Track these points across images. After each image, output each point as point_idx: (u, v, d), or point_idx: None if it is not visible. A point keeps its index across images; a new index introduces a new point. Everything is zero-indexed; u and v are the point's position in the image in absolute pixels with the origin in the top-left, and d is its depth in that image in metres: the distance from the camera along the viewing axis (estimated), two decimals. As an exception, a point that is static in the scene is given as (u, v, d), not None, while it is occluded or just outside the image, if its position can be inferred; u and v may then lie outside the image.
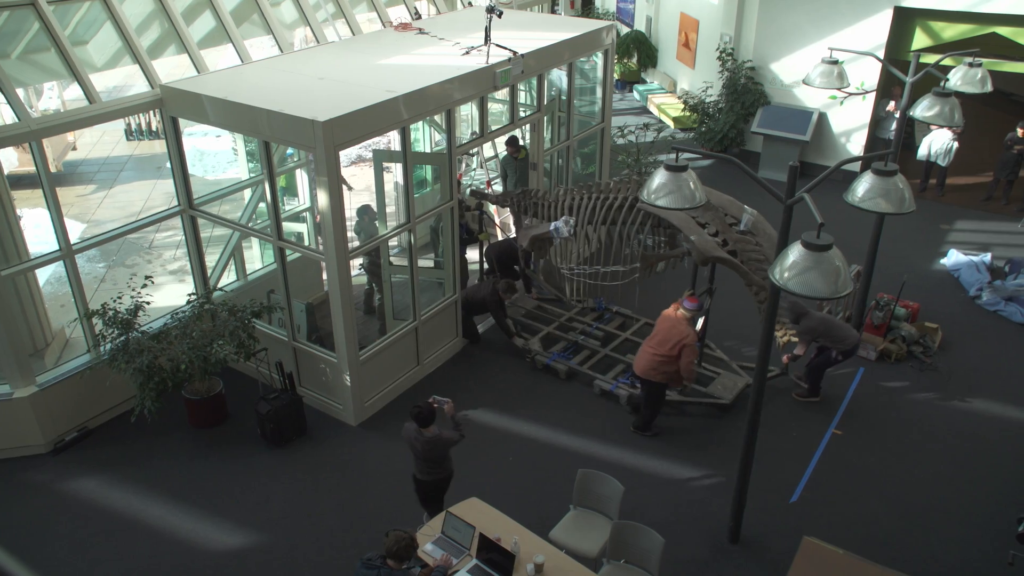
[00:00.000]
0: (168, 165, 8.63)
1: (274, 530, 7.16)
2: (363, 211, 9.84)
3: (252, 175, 9.80)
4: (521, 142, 10.69)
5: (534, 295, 10.52)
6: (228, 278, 9.53)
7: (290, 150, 9.79)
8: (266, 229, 8.65)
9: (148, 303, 8.19)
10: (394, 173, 11.94)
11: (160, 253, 11.83)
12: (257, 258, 10.17)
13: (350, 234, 8.58)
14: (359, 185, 13.53)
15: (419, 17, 11.44)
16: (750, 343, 9.58)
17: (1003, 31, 12.45)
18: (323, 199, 7.40)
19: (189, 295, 8.61)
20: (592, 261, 9.55)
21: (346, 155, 14.18)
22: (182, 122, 8.45)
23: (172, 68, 9.58)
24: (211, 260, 9.26)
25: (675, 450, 8.15)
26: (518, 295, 10.13)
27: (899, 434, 8.33)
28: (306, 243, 9.98)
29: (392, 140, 11.68)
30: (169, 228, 11.97)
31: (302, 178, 10.30)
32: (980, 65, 8.45)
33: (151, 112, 12.66)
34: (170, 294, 9.76)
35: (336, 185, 7.34)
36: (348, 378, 8.21)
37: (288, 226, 9.67)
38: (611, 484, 6.44)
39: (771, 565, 6.74)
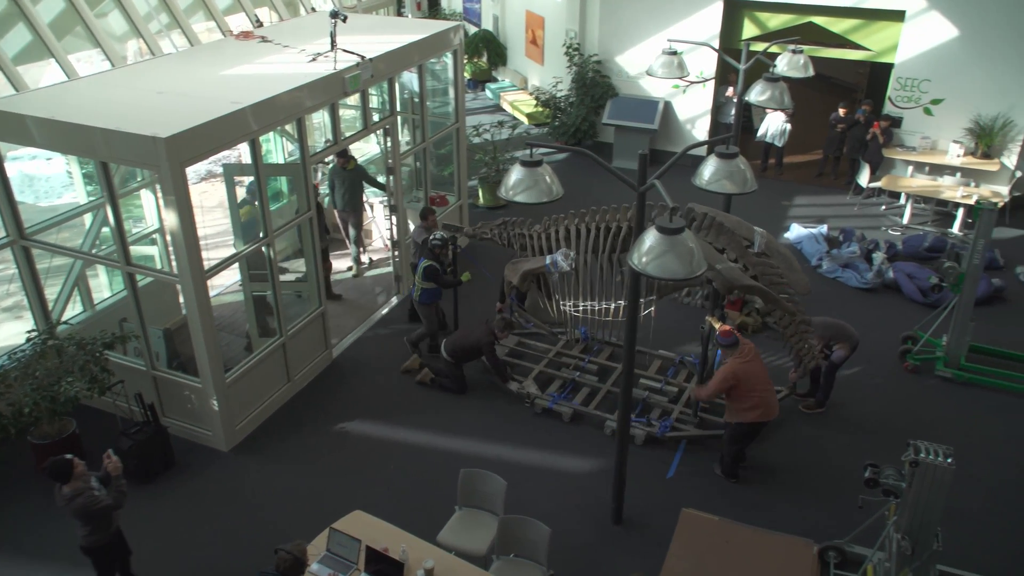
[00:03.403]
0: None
1: (148, 574, 6.75)
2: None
3: (92, 199, 9.18)
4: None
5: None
6: (73, 310, 8.89)
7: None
8: (112, 255, 8.14)
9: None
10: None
11: (-8, 289, 10.90)
12: (105, 286, 9.56)
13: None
14: (212, 202, 12.96)
15: (261, 25, 11.09)
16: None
17: (818, 20, 13.47)
18: (172, 219, 7.04)
19: (29, 332, 7.97)
20: (601, 296, 8.71)
21: (194, 171, 13.55)
22: (3, 146, 7.81)
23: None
24: (52, 292, 8.61)
25: (554, 440, 8.30)
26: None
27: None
28: (158, 266, 9.47)
29: (243, 153, 11.26)
30: None
31: (148, 198, 9.75)
32: (802, 52, 9.09)
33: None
34: (6, 333, 9.01)
35: (185, 203, 7.00)
36: (215, 403, 7.86)
37: (137, 250, 9.14)
38: (494, 481, 6.48)
39: (654, 539, 6.99)
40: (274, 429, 8.44)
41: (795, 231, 12.40)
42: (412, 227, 11.06)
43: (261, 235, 8.20)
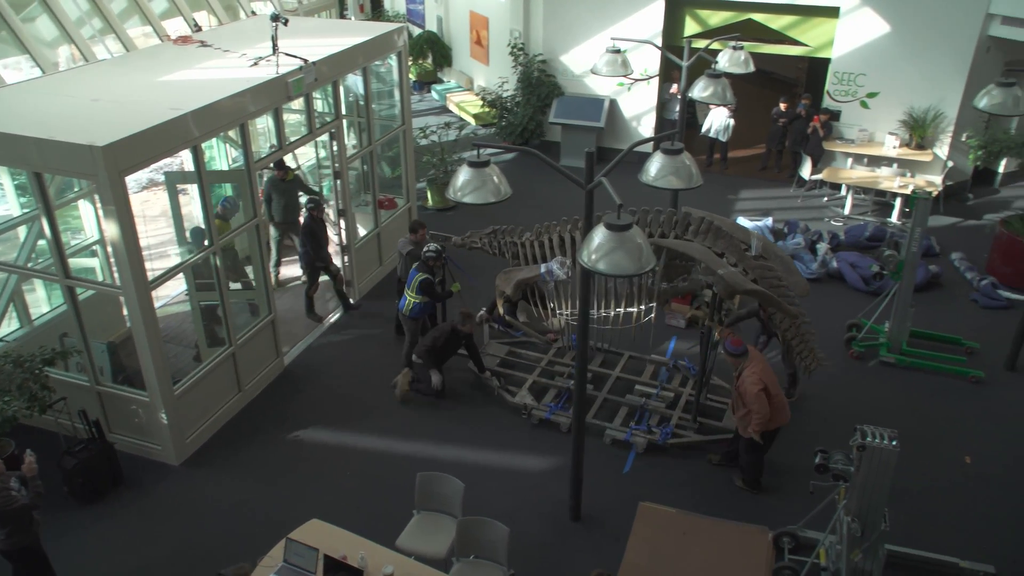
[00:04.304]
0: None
1: (98, 593, 6.59)
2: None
3: (26, 211, 8.90)
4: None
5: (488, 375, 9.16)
6: (9, 326, 8.61)
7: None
8: (49, 268, 7.90)
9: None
10: (191, 195, 11.29)
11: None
12: (43, 300, 9.27)
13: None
14: (154, 211, 12.65)
15: (199, 29, 10.89)
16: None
17: (757, 17, 13.74)
18: (113, 230, 6.86)
19: (-37, 351, 7.70)
20: (600, 304, 8.48)
21: (135, 180, 13.21)
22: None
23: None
24: (-14, 309, 8.33)
25: (511, 440, 8.31)
26: (478, 323, 9.19)
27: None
28: (100, 278, 9.22)
29: (185, 160, 11.03)
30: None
31: (86, 209, 9.49)
32: (742, 48, 9.26)
33: None
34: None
35: (126, 213, 6.83)
36: (164, 416, 7.69)
37: (77, 262, 8.89)
38: (451, 483, 6.46)
39: (613, 534, 7.05)
40: (226, 440, 8.29)
41: (741, 224, 12.61)
42: (361, 231, 10.97)
43: (206, 243, 8.04)
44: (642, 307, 8.13)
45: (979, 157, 12.27)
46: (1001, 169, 14.07)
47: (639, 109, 14.97)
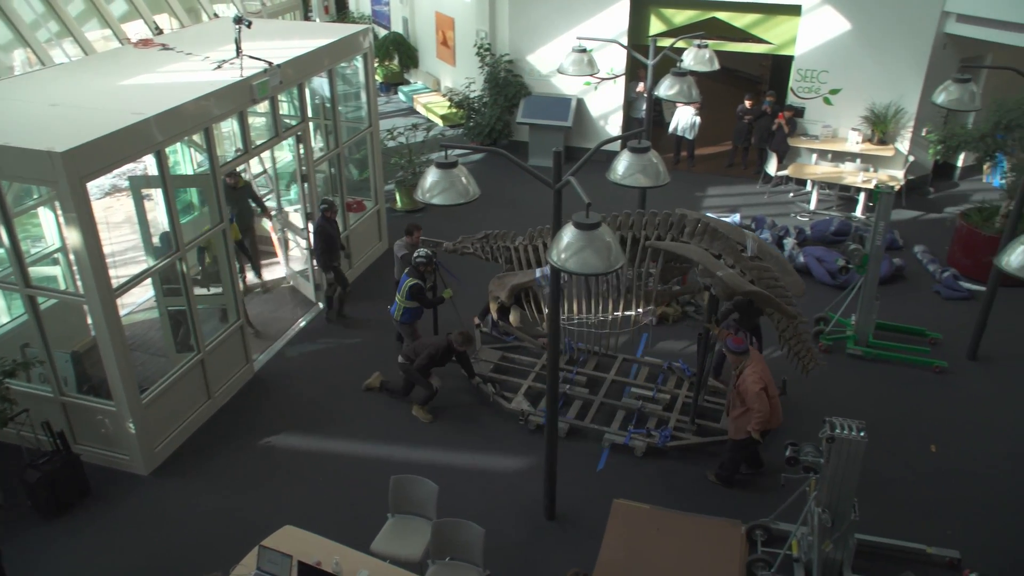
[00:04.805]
0: None
1: (66, 607, 6.47)
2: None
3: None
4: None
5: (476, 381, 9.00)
6: (-31, 338, 8.42)
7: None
8: (8, 277, 7.73)
9: None
10: (155, 200, 11.14)
11: None
12: (3, 311, 9.07)
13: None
14: (118, 217, 12.47)
15: (161, 32, 10.74)
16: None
17: (721, 15, 13.87)
18: (75, 237, 6.74)
19: (-81, 364, 7.51)
20: (597, 309, 8.42)
21: (97, 186, 13.01)
22: None
23: None
24: (-55, 320, 8.15)
25: (484, 441, 8.31)
26: (478, 348, 9.06)
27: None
28: (62, 286, 9.05)
29: (149, 166, 10.88)
30: None
31: (47, 216, 9.30)
32: (707, 46, 9.35)
33: None
34: None
35: (88, 220, 6.71)
36: (131, 425, 7.57)
37: (38, 270, 8.71)
38: (425, 486, 6.44)
39: (588, 532, 7.07)
40: (196, 448, 8.19)
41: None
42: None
43: (173, 249, 7.93)
44: (640, 310, 8.07)
45: (938, 151, 12.50)
46: (960, 163, 14.36)
47: (606, 108, 15.04)
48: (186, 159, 11.43)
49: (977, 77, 13.17)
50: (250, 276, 11.15)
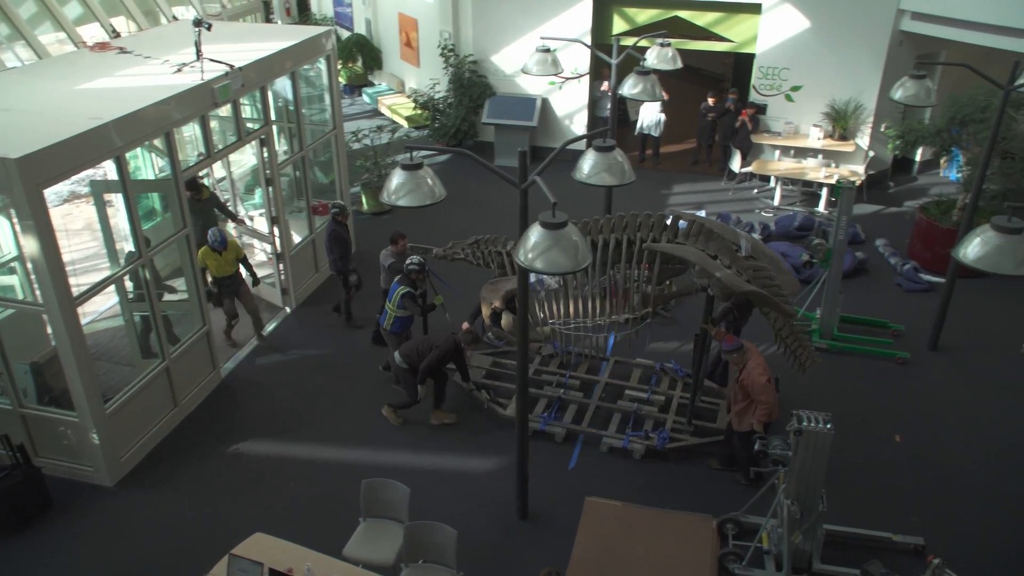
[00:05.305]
0: None
1: (31, 623, 6.33)
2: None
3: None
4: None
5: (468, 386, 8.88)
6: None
7: None
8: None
9: None
10: (116, 206, 10.95)
11: None
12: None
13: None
14: (77, 224, 12.23)
15: (118, 36, 10.55)
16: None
17: (683, 14, 14.00)
18: (32, 246, 6.59)
19: None
20: (592, 312, 8.24)
21: (55, 193, 12.74)
22: None
23: None
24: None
25: (455, 442, 8.29)
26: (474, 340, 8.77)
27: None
28: (20, 296, 8.85)
29: (109, 171, 10.69)
30: None
31: (2, 224, 9.10)
32: (670, 45, 9.41)
33: None
34: None
35: (46, 228, 6.57)
36: (95, 436, 7.43)
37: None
38: (397, 488, 6.41)
39: (561, 531, 7.08)
40: (163, 457, 8.06)
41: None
42: (296, 238, 10.79)
43: (135, 255, 7.80)
44: (638, 313, 8.02)
45: (897, 146, 12.73)
46: (918, 157, 14.64)
47: (571, 107, 15.09)
48: (147, 164, 11.25)
49: (932, 73, 13.44)
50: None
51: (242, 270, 9.63)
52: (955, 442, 8.27)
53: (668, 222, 7.96)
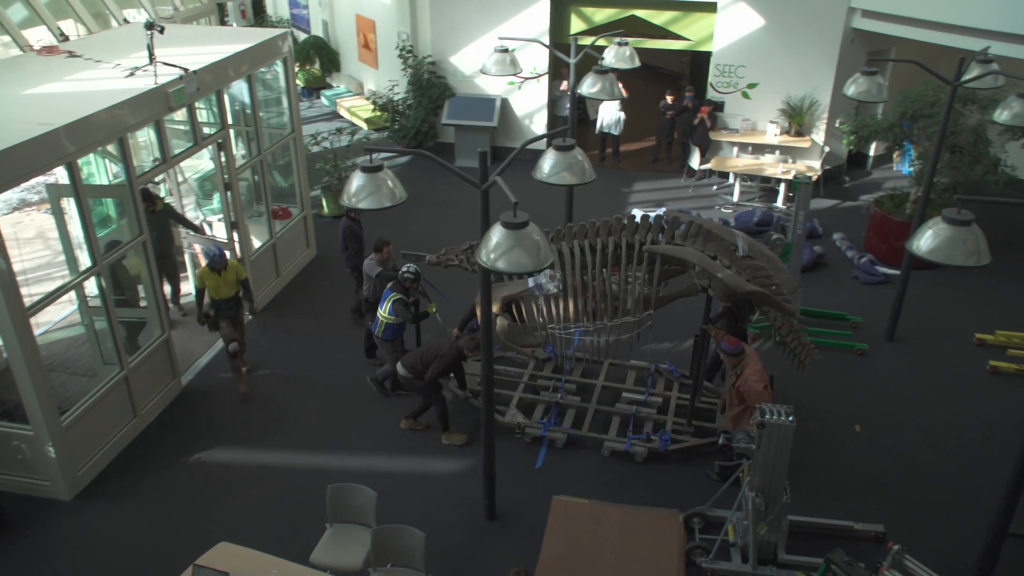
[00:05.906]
0: None
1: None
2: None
3: None
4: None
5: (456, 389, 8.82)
6: None
7: None
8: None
9: None
10: (70, 213, 10.70)
11: None
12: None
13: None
14: (29, 233, 11.93)
15: (67, 39, 10.31)
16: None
17: (640, 13, 14.11)
18: (-20, 255, 6.42)
19: None
20: (591, 316, 8.11)
21: (4, 201, 12.43)
22: None
23: None
24: None
25: (420, 445, 8.25)
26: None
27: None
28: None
29: (61, 178, 10.44)
30: None
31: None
32: (627, 44, 9.48)
33: None
34: None
35: (-6, 236, 6.41)
36: (51, 449, 7.25)
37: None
38: (364, 493, 6.36)
39: (529, 530, 7.09)
40: (123, 469, 7.91)
41: (636, 216, 12.91)
42: (256, 242, 10.66)
43: (90, 263, 7.64)
44: (639, 316, 7.97)
45: (852, 142, 12.97)
46: (872, 152, 14.94)
47: (530, 107, 15.12)
48: (101, 171, 11.02)
49: (883, 70, 13.73)
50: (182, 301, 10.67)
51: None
52: (912, 430, 8.45)
53: (665, 224, 7.96)
